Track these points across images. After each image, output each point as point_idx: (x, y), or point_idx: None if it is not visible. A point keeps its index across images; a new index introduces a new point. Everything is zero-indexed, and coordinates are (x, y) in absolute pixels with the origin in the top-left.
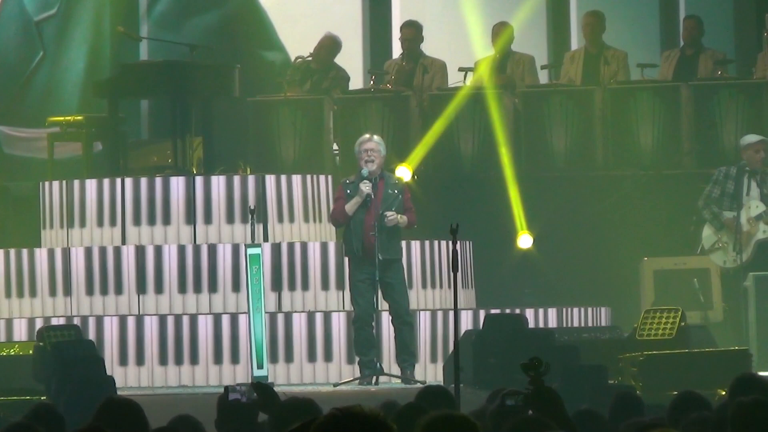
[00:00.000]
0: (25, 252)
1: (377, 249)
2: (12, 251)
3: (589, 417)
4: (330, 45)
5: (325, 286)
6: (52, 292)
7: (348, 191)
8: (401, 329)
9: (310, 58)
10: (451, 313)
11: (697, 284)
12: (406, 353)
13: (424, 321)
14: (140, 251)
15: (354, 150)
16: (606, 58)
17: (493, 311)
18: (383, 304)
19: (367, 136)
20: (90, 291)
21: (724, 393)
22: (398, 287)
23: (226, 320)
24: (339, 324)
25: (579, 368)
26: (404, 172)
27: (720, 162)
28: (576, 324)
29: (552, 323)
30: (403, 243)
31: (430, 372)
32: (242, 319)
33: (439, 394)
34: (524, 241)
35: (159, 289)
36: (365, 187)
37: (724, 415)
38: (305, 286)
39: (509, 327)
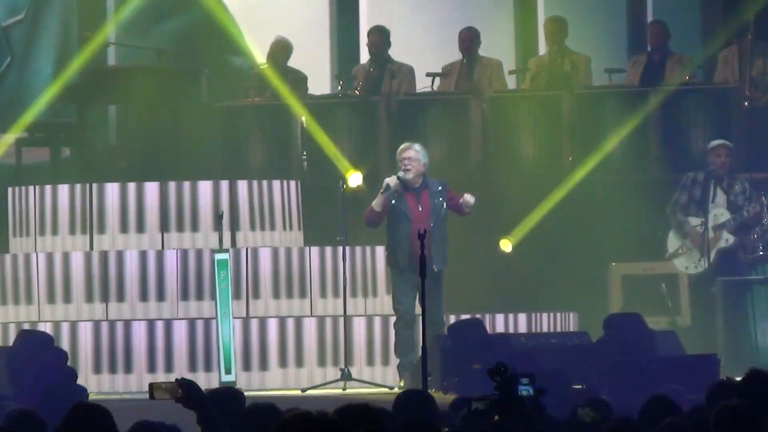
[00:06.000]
0: None
1: (433, 259)
2: None
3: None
4: (281, 48)
5: (290, 291)
6: (19, 300)
7: (393, 201)
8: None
9: (265, 66)
10: (419, 319)
11: (665, 289)
12: None
13: (392, 326)
14: (107, 257)
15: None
16: (570, 62)
17: (464, 316)
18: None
19: (408, 144)
20: (57, 298)
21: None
22: (438, 298)
23: (199, 326)
24: (310, 329)
25: (542, 373)
26: (356, 178)
27: (688, 167)
28: (544, 329)
29: (519, 328)
30: (368, 248)
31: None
32: (212, 325)
33: (419, 398)
34: (505, 245)
35: (121, 296)
36: (391, 180)
37: (697, 419)
38: (276, 294)
39: (466, 332)
